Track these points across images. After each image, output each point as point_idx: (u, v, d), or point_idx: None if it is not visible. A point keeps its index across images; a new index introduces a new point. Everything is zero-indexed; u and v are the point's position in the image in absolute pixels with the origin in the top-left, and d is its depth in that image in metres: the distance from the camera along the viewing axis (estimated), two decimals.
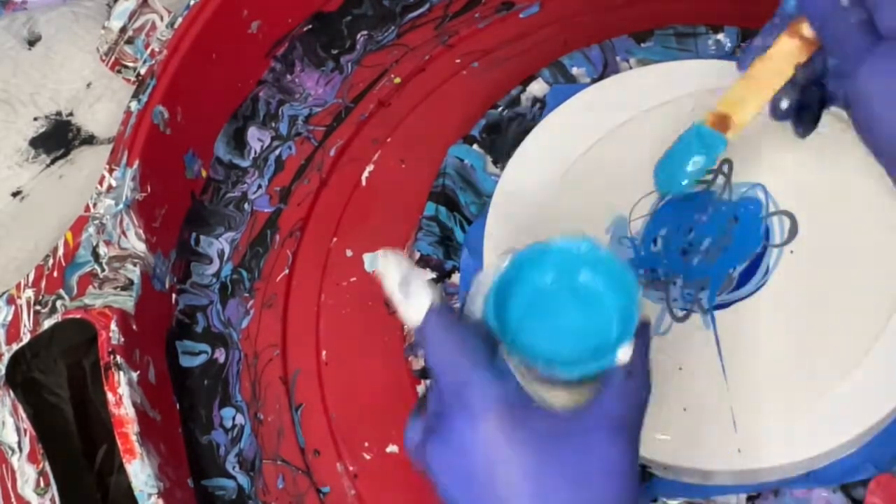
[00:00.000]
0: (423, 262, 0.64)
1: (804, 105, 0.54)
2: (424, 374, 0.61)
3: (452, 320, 0.44)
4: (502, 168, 0.65)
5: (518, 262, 0.47)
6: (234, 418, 0.64)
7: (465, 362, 0.43)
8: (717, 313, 0.57)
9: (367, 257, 0.52)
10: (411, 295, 0.44)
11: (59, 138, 0.78)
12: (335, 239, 0.69)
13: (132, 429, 0.56)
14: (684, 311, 0.57)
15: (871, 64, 0.46)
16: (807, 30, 0.51)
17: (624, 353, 0.45)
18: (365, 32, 0.76)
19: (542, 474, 0.42)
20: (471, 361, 0.43)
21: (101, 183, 0.65)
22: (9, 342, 0.62)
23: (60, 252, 0.64)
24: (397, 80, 0.74)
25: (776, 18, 0.53)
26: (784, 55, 0.52)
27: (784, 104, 0.53)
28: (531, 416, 0.43)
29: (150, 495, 0.55)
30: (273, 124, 0.74)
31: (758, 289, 0.57)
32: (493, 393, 0.43)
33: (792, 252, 0.57)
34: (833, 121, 0.58)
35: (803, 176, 0.59)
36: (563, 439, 0.43)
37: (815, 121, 0.54)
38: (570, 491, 0.42)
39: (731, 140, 0.54)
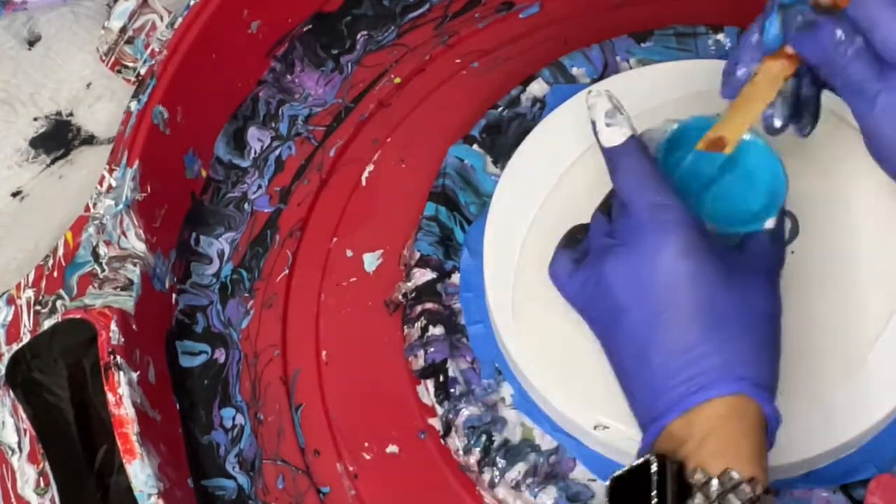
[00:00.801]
0: (423, 262, 0.64)
1: (801, 105, 0.54)
2: (424, 374, 0.61)
3: (648, 152, 0.51)
4: (502, 168, 0.65)
5: (685, 128, 0.54)
6: (234, 418, 0.64)
7: (662, 186, 0.50)
8: None
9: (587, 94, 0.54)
10: (617, 123, 0.51)
11: (59, 138, 0.78)
12: (335, 239, 0.69)
13: (132, 429, 0.56)
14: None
15: (884, 99, 0.48)
16: (790, 49, 0.51)
17: (771, 221, 0.52)
18: (365, 32, 0.76)
19: (721, 295, 0.48)
20: (667, 186, 0.50)
21: (101, 183, 0.65)
22: (9, 342, 0.62)
23: (60, 252, 0.64)
24: (397, 80, 0.74)
25: (751, 45, 0.54)
26: (770, 77, 0.52)
27: (777, 123, 0.55)
28: (713, 244, 0.49)
29: (150, 495, 0.55)
30: (273, 124, 0.74)
31: None
32: (687, 215, 0.49)
33: (793, 252, 0.57)
34: (834, 120, 0.58)
35: (805, 176, 0.59)
36: (738, 272, 0.49)
37: (814, 119, 0.55)
38: (742, 317, 0.48)
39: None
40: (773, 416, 0.48)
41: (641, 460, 0.46)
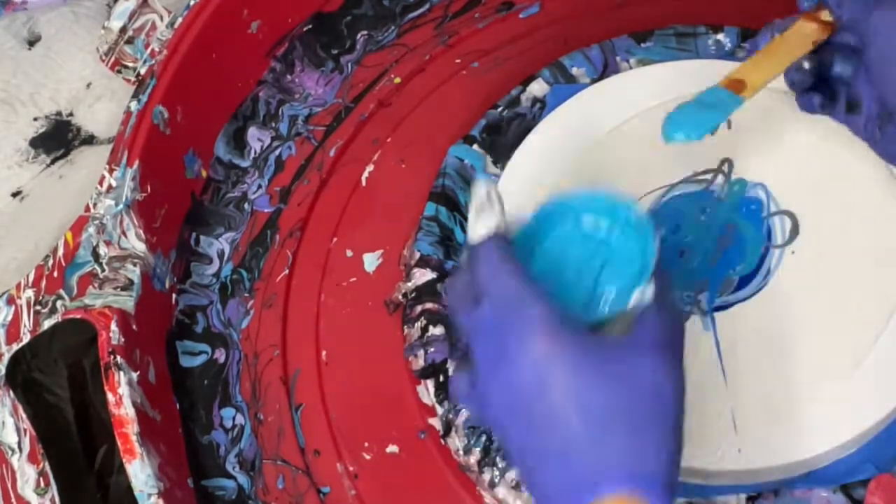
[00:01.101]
0: (423, 262, 0.64)
1: (834, 86, 0.54)
2: (424, 374, 0.61)
3: (510, 249, 0.47)
4: (502, 168, 0.65)
5: (540, 216, 0.50)
6: (234, 418, 0.64)
7: (521, 282, 0.45)
8: (717, 315, 0.57)
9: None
10: (482, 217, 0.48)
11: (59, 138, 0.78)
12: (335, 239, 0.69)
13: (132, 429, 0.56)
14: (683, 313, 0.57)
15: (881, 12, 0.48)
16: (825, 15, 0.51)
17: (638, 295, 0.47)
18: (365, 32, 0.76)
19: (589, 390, 0.43)
20: (526, 281, 0.45)
21: (101, 183, 0.65)
22: (9, 342, 0.62)
23: (60, 252, 0.64)
24: (397, 80, 0.74)
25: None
26: (801, 35, 0.52)
27: (807, 64, 0.53)
28: (580, 335, 0.44)
29: (150, 495, 0.55)
30: (273, 124, 0.74)
31: (759, 290, 0.57)
32: (546, 309, 0.44)
33: (793, 253, 0.57)
34: (834, 124, 0.58)
35: (805, 175, 0.59)
36: (609, 360, 0.44)
37: (852, 106, 0.53)
38: (616, 409, 0.43)
39: (747, 101, 0.52)
40: None
41: None
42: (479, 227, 0.48)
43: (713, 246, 0.59)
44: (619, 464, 0.42)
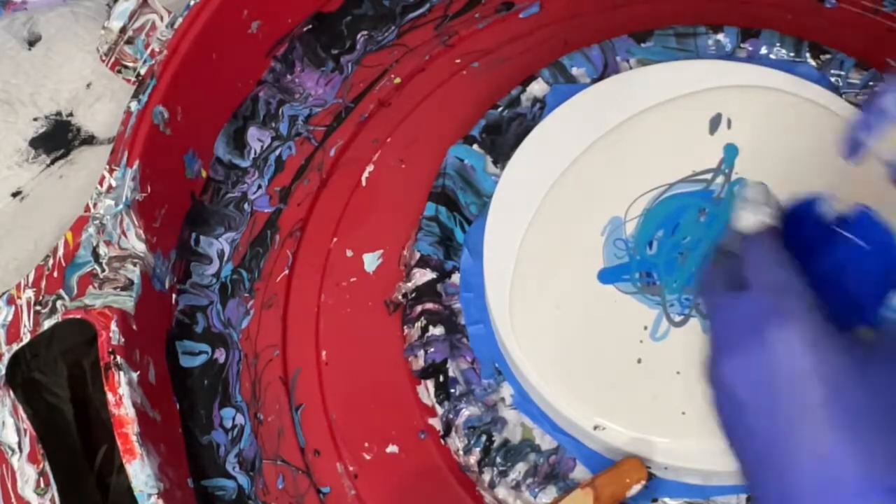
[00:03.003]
0: (423, 262, 0.64)
1: None
2: (424, 374, 0.61)
3: (782, 242, 0.49)
4: (502, 168, 0.65)
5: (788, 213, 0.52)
6: (234, 418, 0.64)
7: (791, 273, 0.46)
8: None
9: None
10: (755, 210, 0.50)
11: (59, 138, 0.78)
12: (335, 239, 0.69)
13: (132, 429, 0.56)
14: (682, 316, 0.57)
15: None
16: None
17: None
18: (365, 32, 0.76)
19: (853, 390, 0.42)
20: (797, 274, 0.46)
21: (101, 183, 0.65)
22: (9, 342, 0.62)
23: (60, 252, 0.64)
24: (397, 80, 0.74)
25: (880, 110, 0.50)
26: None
27: None
28: (843, 334, 0.44)
29: (149, 495, 0.55)
30: (273, 124, 0.74)
31: None
32: (812, 301, 0.44)
33: None
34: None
35: (806, 175, 0.59)
36: (871, 363, 0.43)
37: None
38: (879, 416, 0.42)
39: None
40: None
41: None
42: (750, 217, 0.50)
43: (713, 247, 0.59)
44: (888, 472, 0.40)
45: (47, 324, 0.61)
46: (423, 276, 0.64)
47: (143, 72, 0.69)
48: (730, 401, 0.45)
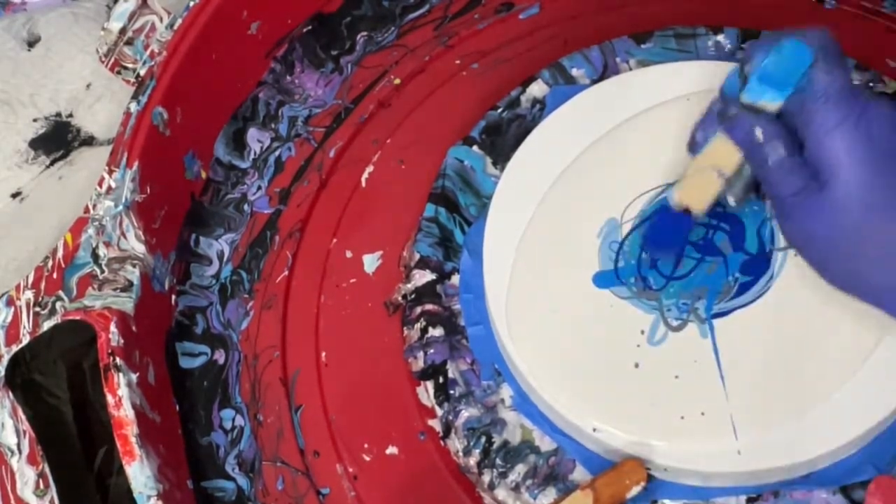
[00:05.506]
0: (423, 263, 0.64)
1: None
2: (424, 375, 0.61)
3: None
4: (502, 169, 0.65)
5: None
6: (233, 420, 0.64)
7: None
8: (715, 321, 0.56)
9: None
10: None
11: (58, 139, 0.78)
12: (335, 240, 0.69)
13: (132, 430, 0.56)
14: (679, 321, 0.57)
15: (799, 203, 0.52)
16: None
17: None
18: (365, 33, 0.76)
19: None
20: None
21: (100, 184, 0.65)
22: (8, 344, 0.62)
23: (60, 253, 0.64)
24: (397, 81, 0.74)
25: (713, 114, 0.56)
26: (724, 150, 0.55)
27: (732, 202, 0.57)
28: None
29: (149, 497, 0.55)
30: (273, 125, 0.74)
31: (761, 295, 0.56)
32: None
33: (795, 254, 0.57)
34: None
35: None
36: None
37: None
38: None
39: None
40: None
41: None
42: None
43: (711, 251, 0.58)
44: None
45: (47, 325, 0.61)
46: (422, 277, 0.64)
47: (142, 73, 0.69)
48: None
